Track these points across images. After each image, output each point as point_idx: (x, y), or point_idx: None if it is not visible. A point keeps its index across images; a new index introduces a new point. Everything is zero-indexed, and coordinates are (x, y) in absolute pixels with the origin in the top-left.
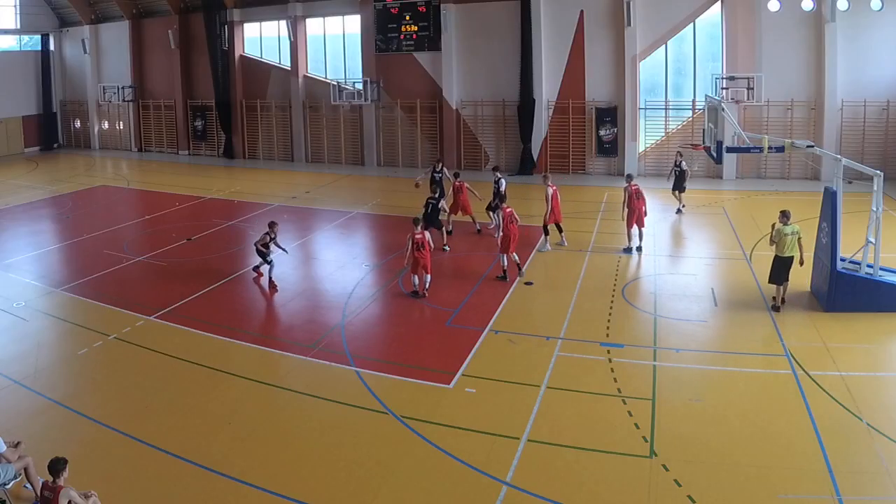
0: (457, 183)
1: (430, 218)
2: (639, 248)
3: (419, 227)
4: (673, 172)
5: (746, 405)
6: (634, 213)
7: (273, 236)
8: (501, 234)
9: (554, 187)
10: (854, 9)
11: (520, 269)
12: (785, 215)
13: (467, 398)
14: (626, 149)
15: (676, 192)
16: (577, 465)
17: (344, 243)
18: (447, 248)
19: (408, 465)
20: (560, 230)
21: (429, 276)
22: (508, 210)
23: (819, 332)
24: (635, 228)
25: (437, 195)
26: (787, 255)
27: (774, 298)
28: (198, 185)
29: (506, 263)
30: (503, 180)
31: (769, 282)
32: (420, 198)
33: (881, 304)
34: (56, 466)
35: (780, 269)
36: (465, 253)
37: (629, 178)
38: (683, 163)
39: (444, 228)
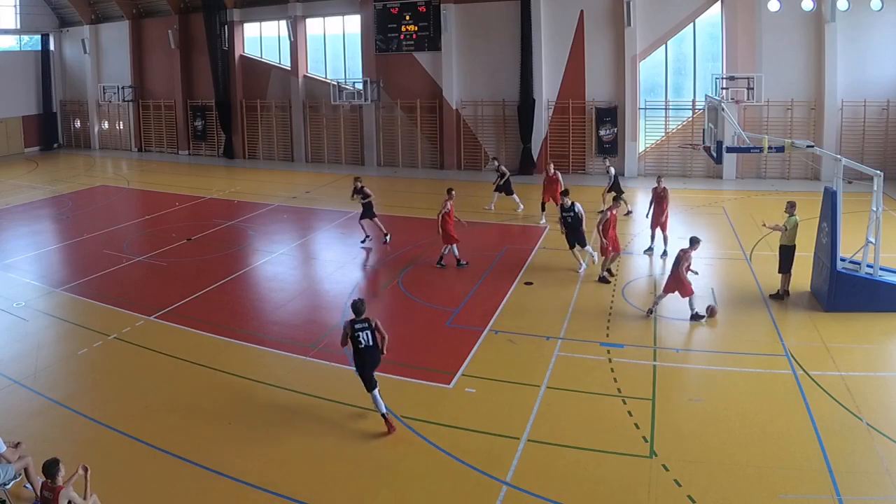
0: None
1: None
2: (649, 251)
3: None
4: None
5: (746, 405)
6: (662, 213)
7: None
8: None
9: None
10: (854, 9)
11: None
12: (792, 206)
13: (467, 398)
14: (625, 149)
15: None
16: (577, 465)
17: (344, 243)
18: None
19: (408, 466)
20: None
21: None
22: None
23: (819, 332)
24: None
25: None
26: (794, 243)
27: (782, 287)
28: (198, 185)
29: (456, 252)
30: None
31: (779, 272)
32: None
33: (881, 304)
34: (50, 469)
35: (790, 258)
36: (464, 253)
37: (660, 179)
38: (612, 168)
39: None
